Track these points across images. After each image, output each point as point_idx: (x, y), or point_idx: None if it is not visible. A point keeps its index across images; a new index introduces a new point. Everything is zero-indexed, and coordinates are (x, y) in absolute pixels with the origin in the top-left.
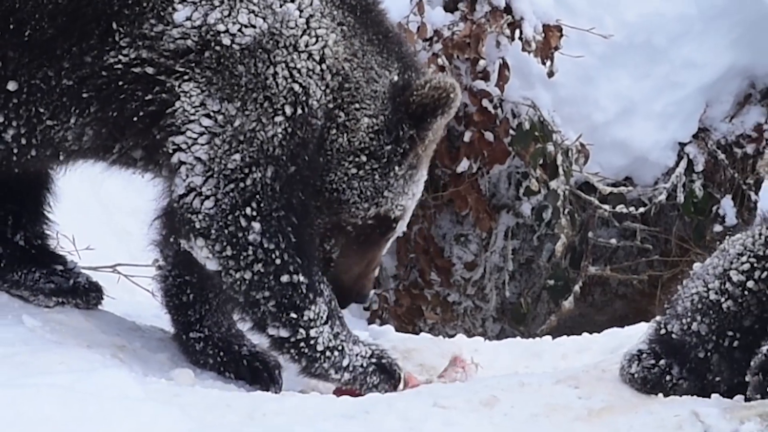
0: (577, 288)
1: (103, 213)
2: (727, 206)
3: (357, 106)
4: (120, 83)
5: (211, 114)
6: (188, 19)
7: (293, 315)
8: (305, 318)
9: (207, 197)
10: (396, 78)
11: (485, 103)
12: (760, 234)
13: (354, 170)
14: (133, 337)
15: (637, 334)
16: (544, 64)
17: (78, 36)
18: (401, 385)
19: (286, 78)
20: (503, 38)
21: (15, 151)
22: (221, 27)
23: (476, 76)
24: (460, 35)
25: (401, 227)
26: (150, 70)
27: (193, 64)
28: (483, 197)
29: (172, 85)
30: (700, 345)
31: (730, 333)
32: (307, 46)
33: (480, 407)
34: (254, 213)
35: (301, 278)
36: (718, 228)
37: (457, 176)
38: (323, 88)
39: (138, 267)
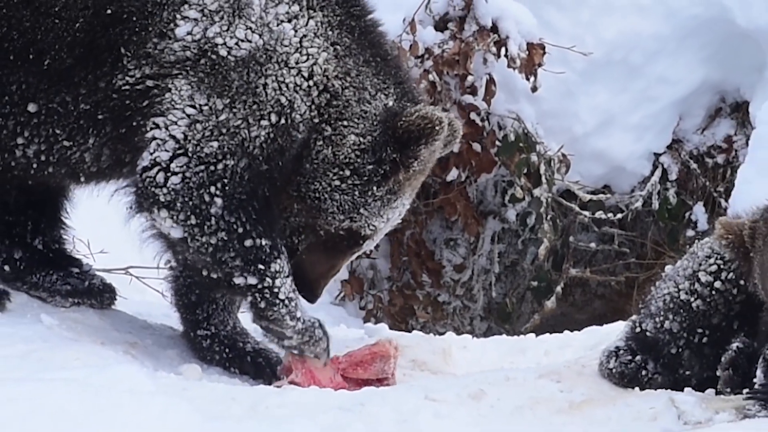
0: (558, 289)
1: (116, 218)
2: (699, 212)
3: (345, 123)
4: (127, 102)
5: (197, 106)
6: (189, 33)
7: (261, 266)
8: (272, 269)
9: (174, 173)
10: (391, 103)
11: (473, 116)
12: None
13: (337, 182)
14: (144, 334)
15: (614, 332)
16: (528, 79)
17: (93, 65)
18: None
19: (275, 90)
20: (490, 56)
21: (34, 166)
22: (219, 40)
23: (464, 90)
24: (449, 53)
25: (368, 245)
26: (150, 83)
27: (188, 68)
28: (471, 204)
29: (165, 84)
30: (673, 342)
31: (700, 330)
32: (297, 63)
33: (468, 400)
34: (218, 192)
35: (264, 241)
36: (690, 233)
37: (446, 184)
38: (308, 103)
39: (149, 269)
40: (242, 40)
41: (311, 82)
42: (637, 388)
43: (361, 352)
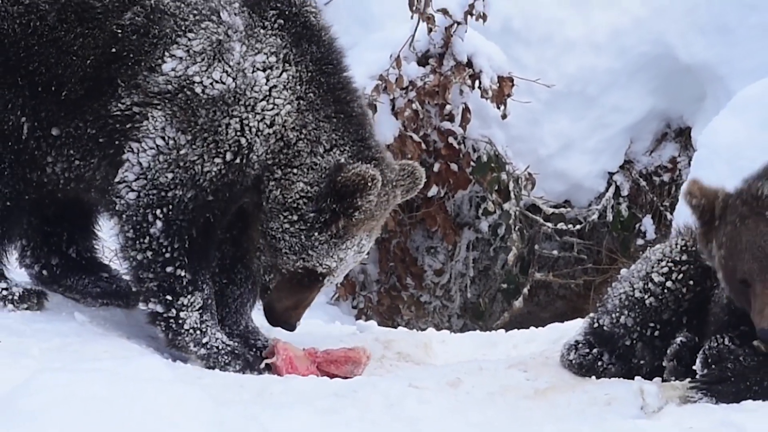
0: (525, 290)
1: None
2: (648, 224)
3: (294, 170)
4: (118, 126)
5: (166, 138)
6: (173, 70)
7: (169, 297)
8: (179, 302)
9: (132, 190)
10: (343, 160)
11: (451, 140)
12: (676, 243)
13: (287, 225)
14: None
15: (574, 328)
16: (498, 108)
17: (97, 95)
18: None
19: (236, 131)
20: (465, 87)
21: (61, 182)
22: (197, 78)
23: (443, 118)
24: (430, 85)
25: (331, 281)
26: (136, 109)
27: (166, 100)
28: (449, 216)
29: (146, 112)
30: (627, 335)
31: (652, 324)
32: (263, 110)
33: (447, 387)
34: (161, 215)
35: (184, 273)
36: (640, 242)
37: (428, 199)
38: (265, 147)
39: None
40: (216, 81)
41: (271, 130)
42: (594, 377)
43: (338, 352)
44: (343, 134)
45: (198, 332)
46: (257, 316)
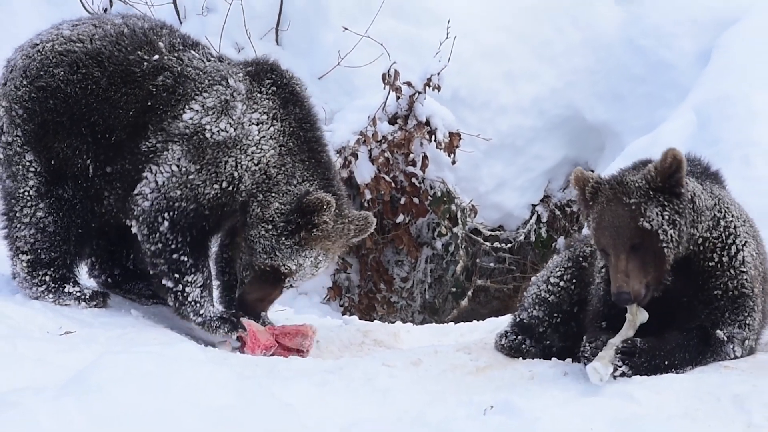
0: (469, 293)
1: None
2: (561, 243)
3: (273, 194)
4: (143, 159)
5: (179, 165)
6: (191, 118)
7: (177, 275)
8: (185, 279)
9: (147, 200)
10: (312, 189)
11: (413, 180)
12: (565, 254)
13: (264, 232)
14: None
15: (505, 321)
16: (449, 156)
17: (135, 138)
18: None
19: (232, 167)
20: (424, 141)
21: (114, 211)
22: (208, 126)
23: (408, 163)
24: (398, 139)
25: (292, 282)
26: (159, 145)
27: (184, 140)
28: (412, 238)
29: (167, 146)
30: (540, 324)
31: (555, 315)
32: (252, 153)
33: (411, 366)
34: (168, 217)
35: (189, 259)
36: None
37: (396, 225)
38: (251, 179)
39: None
40: (222, 130)
41: (257, 167)
42: (520, 358)
43: (291, 327)
44: (313, 173)
45: (197, 305)
46: None
